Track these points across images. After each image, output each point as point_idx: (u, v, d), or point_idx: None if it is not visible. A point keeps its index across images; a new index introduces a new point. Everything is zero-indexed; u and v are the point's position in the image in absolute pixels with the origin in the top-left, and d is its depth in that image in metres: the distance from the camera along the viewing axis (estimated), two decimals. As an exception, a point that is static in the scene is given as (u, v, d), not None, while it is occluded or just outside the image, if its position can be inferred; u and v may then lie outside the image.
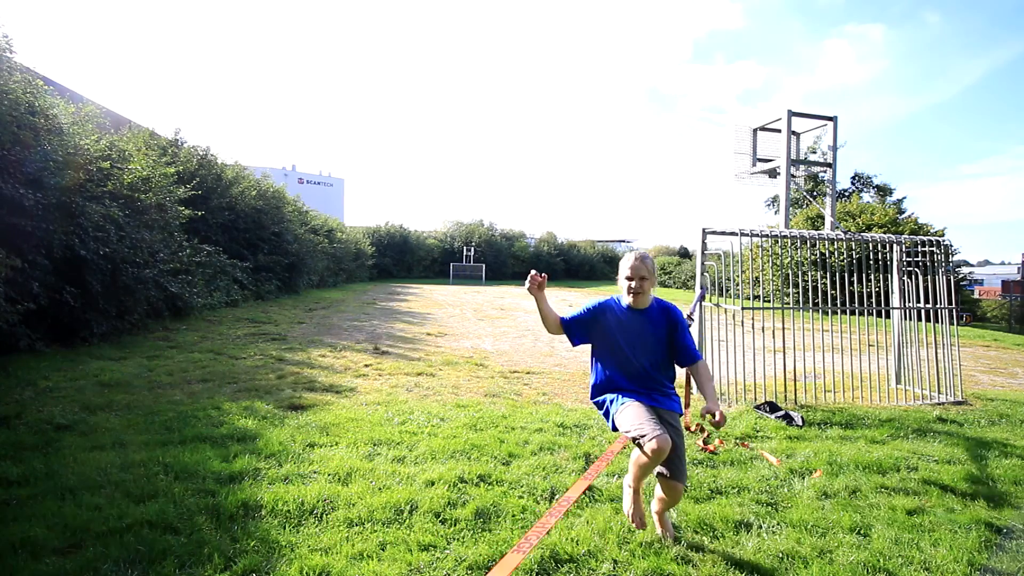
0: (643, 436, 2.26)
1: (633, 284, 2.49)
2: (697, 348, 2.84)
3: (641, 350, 2.53)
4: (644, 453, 2.28)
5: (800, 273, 10.00)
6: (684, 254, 44.81)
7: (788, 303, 11.46)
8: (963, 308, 21.09)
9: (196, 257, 10.68)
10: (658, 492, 2.54)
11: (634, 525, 2.55)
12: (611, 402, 2.55)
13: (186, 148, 13.19)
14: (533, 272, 2.53)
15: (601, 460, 2.32)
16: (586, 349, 2.71)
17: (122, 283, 7.16)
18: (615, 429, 2.50)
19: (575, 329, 2.62)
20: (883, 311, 7.08)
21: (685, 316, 3.60)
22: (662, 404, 2.51)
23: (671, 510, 2.71)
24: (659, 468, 2.41)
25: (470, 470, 3.25)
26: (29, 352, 5.87)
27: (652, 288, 2.55)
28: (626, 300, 2.55)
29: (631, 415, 2.39)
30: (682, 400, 2.72)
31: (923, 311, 5.87)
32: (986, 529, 2.78)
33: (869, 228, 19.15)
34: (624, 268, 2.55)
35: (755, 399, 5.22)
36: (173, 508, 2.62)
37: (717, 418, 2.30)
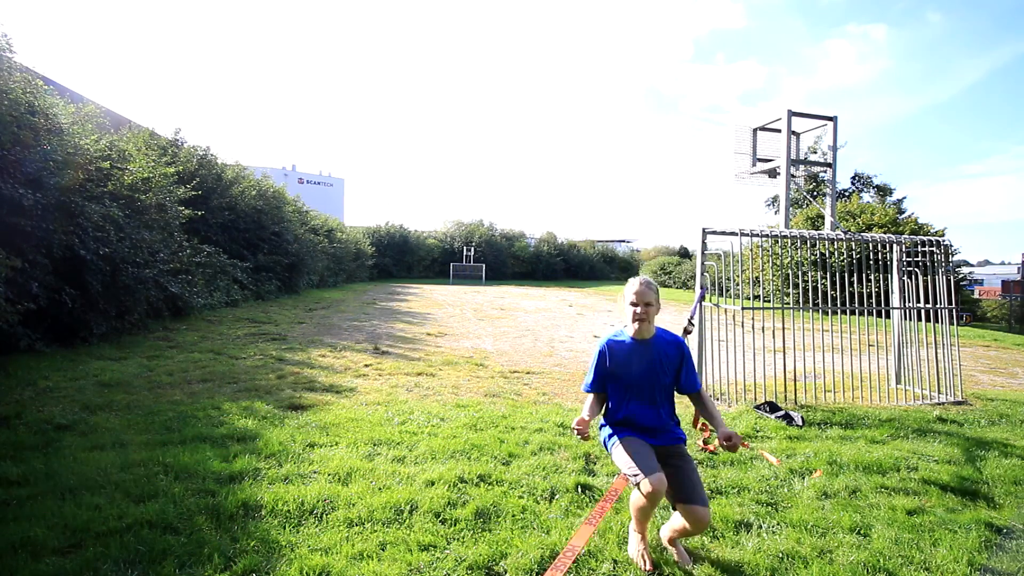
0: (636, 476, 2.23)
1: (638, 310, 2.46)
2: (697, 359, 2.77)
3: (649, 381, 2.49)
4: (640, 495, 2.23)
5: (800, 273, 10.00)
6: (684, 254, 44.80)
7: (788, 303, 11.46)
8: (963, 308, 21.08)
9: (196, 257, 10.68)
10: (677, 522, 2.39)
11: (642, 567, 2.32)
12: (609, 438, 2.52)
13: (186, 148, 13.19)
14: (576, 426, 2.29)
15: (604, 500, 2.17)
16: (586, 349, 2.70)
17: (122, 283, 7.16)
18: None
19: (598, 388, 2.56)
20: (883, 311, 7.08)
21: (685, 323, 3.61)
22: (663, 440, 2.46)
23: (686, 539, 2.55)
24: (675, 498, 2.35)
25: (470, 470, 3.25)
26: (29, 352, 5.86)
27: (656, 314, 2.51)
28: (630, 329, 2.51)
29: (623, 453, 2.35)
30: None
31: (923, 311, 5.87)
32: (986, 529, 2.78)
33: (869, 228, 19.15)
34: (629, 294, 2.52)
35: (755, 399, 5.21)
36: (173, 508, 2.62)
37: (734, 441, 2.26)
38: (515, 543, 2.47)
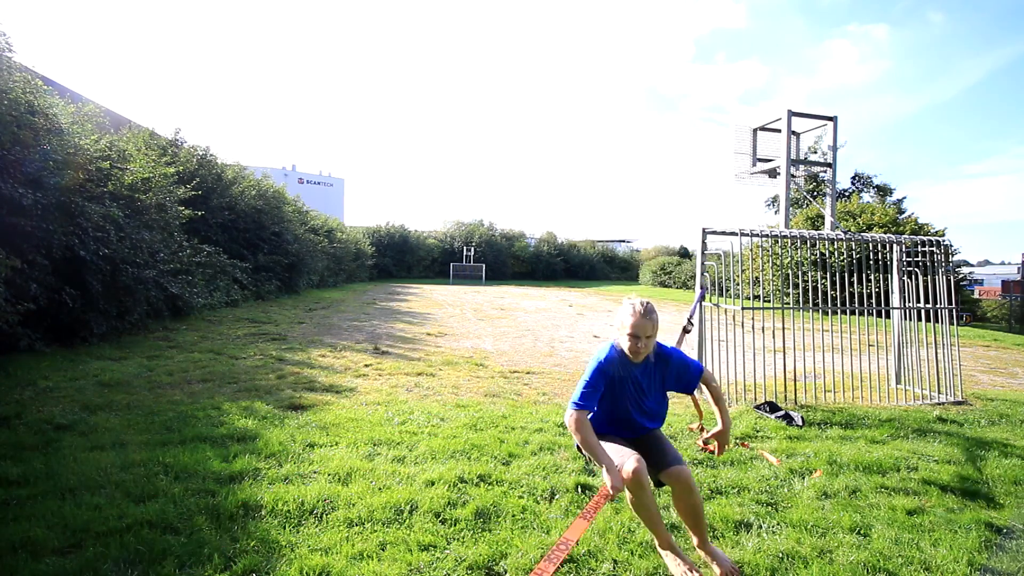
0: (619, 468, 2.20)
1: (639, 344, 2.26)
2: (697, 359, 2.59)
3: (637, 400, 2.45)
4: (628, 478, 2.15)
5: (800, 273, 10.01)
6: (684, 254, 44.77)
7: (788, 303, 11.46)
8: (963, 308, 21.07)
9: (196, 257, 10.68)
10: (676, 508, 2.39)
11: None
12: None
13: (186, 148, 13.19)
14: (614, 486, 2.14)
15: (599, 497, 2.12)
16: (586, 349, 2.69)
17: (122, 283, 7.16)
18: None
19: (592, 404, 2.38)
20: (883, 311, 7.08)
21: (685, 323, 3.48)
22: (640, 433, 2.48)
23: (715, 542, 2.47)
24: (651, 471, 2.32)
25: (470, 470, 3.25)
26: (29, 352, 5.86)
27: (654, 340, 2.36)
28: (626, 351, 2.33)
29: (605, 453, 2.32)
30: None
31: (923, 311, 5.87)
32: (986, 529, 2.78)
33: (869, 228, 19.15)
34: (626, 324, 2.27)
35: (755, 399, 5.21)
36: (173, 508, 2.62)
37: (718, 452, 2.32)
38: (515, 543, 2.47)
